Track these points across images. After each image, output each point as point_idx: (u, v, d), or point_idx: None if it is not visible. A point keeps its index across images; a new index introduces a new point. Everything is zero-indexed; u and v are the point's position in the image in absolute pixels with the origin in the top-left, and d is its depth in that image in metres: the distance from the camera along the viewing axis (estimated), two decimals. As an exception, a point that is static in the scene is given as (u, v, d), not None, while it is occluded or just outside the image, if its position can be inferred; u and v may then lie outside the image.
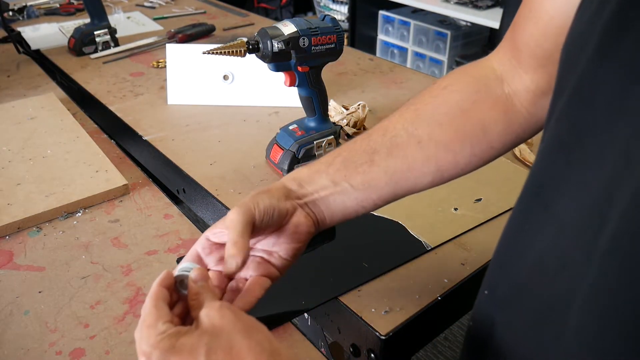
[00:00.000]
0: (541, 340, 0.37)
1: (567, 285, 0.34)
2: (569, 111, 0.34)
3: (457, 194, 0.75)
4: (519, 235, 0.41)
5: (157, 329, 0.37)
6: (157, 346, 0.36)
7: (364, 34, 3.11)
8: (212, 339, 0.36)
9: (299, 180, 0.50)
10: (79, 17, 1.63)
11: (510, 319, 0.41)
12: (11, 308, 0.58)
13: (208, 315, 0.38)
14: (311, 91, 0.78)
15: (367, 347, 0.56)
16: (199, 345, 0.36)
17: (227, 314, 0.38)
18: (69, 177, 0.79)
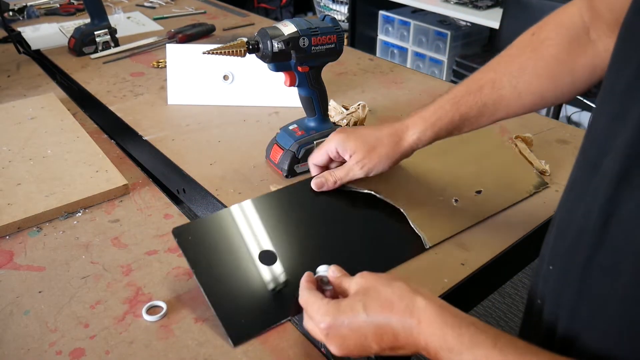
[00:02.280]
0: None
1: None
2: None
3: (459, 182, 0.75)
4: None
5: (322, 303, 0.48)
6: (328, 313, 0.47)
7: (364, 34, 3.11)
8: (364, 296, 0.46)
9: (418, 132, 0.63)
10: (79, 17, 1.63)
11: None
12: (11, 308, 0.58)
13: (355, 282, 0.49)
14: (311, 91, 0.78)
15: (367, 347, 0.56)
16: (356, 303, 0.46)
17: (367, 276, 0.48)
18: (69, 177, 0.79)
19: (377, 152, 0.64)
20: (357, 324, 0.45)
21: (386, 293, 0.46)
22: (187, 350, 0.53)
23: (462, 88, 0.62)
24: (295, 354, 0.53)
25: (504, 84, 0.60)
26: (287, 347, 0.54)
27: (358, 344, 0.45)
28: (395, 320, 0.44)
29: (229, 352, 0.53)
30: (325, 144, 0.67)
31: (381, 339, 0.45)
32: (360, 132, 0.66)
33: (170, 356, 0.53)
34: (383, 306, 0.45)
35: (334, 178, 0.67)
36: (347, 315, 0.46)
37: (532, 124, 0.97)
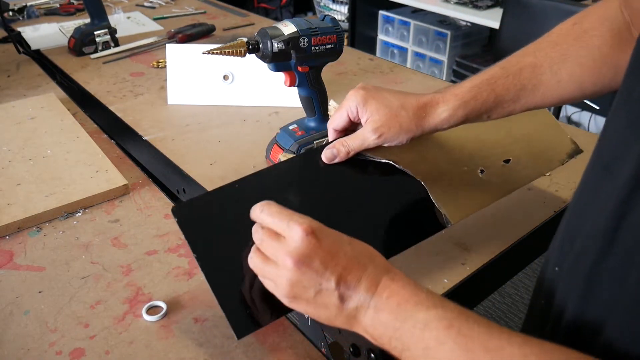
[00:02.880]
0: None
1: None
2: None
3: (486, 150, 0.68)
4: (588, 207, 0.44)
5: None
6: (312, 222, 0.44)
7: (364, 34, 3.10)
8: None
9: (449, 110, 0.57)
10: (79, 17, 1.63)
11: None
12: (11, 308, 0.58)
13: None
14: (311, 91, 0.78)
15: (367, 347, 0.56)
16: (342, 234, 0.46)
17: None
18: (69, 177, 0.79)
19: (397, 121, 0.57)
20: (339, 243, 0.44)
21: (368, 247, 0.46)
22: (187, 350, 0.53)
23: (499, 70, 0.58)
24: (295, 354, 0.53)
25: (545, 69, 0.57)
26: (287, 347, 0.54)
27: (328, 256, 0.43)
28: (372, 267, 0.43)
29: (229, 352, 0.53)
30: (344, 102, 0.59)
31: (348, 272, 0.43)
32: (383, 94, 0.58)
33: (170, 356, 0.53)
34: (365, 250, 0.45)
35: (347, 149, 0.59)
36: (332, 233, 0.45)
37: (532, 124, 0.96)
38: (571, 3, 1.82)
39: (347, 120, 0.59)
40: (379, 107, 0.56)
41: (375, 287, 0.42)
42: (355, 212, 0.59)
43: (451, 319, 0.39)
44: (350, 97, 0.58)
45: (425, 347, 0.39)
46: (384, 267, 0.44)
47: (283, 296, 0.44)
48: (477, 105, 0.56)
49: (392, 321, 0.41)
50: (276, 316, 0.51)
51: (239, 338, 0.49)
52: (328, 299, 0.43)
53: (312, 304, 0.43)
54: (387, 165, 0.61)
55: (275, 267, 0.44)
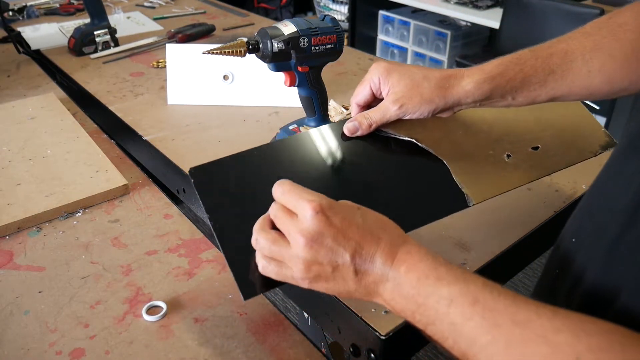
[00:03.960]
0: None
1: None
2: None
3: (514, 135, 0.65)
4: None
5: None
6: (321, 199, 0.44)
7: (364, 34, 3.11)
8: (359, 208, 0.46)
9: (473, 82, 0.55)
10: (79, 17, 1.63)
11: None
12: (11, 308, 0.58)
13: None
14: (311, 91, 0.78)
15: (367, 347, 0.56)
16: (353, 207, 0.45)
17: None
18: (69, 177, 0.79)
19: (419, 91, 0.56)
20: (350, 218, 0.44)
21: (382, 218, 0.45)
22: (187, 350, 0.53)
23: (529, 52, 0.57)
24: (295, 354, 0.53)
25: (576, 57, 0.55)
26: (287, 347, 0.54)
27: (339, 233, 0.42)
28: (386, 238, 0.43)
29: (229, 352, 0.53)
30: (367, 75, 0.58)
31: (362, 246, 0.43)
32: (406, 66, 0.58)
33: (170, 356, 0.53)
34: (378, 220, 0.45)
35: (369, 121, 0.58)
36: (347, 209, 0.44)
37: (532, 124, 0.96)
38: (571, 3, 1.82)
39: (370, 94, 0.59)
40: (401, 79, 0.56)
41: (392, 260, 0.42)
42: (374, 188, 0.58)
43: (475, 293, 0.39)
44: (373, 69, 0.58)
45: (451, 323, 0.39)
46: (399, 238, 0.44)
47: (301, 279, 0.44)
48: (502, 82, 0.55)
49: (414, 297, 0.41)
50: (281, 282, 0.51)
51: (246, 299, 0.48)
52: (346, 274, 0.43)
53: (331, 281, 0.43)
54: (410, 143, 0.60)
55: (288, 248, 0.44)
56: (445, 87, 0.55)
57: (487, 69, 0.56)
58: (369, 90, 0.58)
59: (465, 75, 0.56)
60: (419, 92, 0.55)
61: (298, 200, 0.44)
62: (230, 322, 0.57)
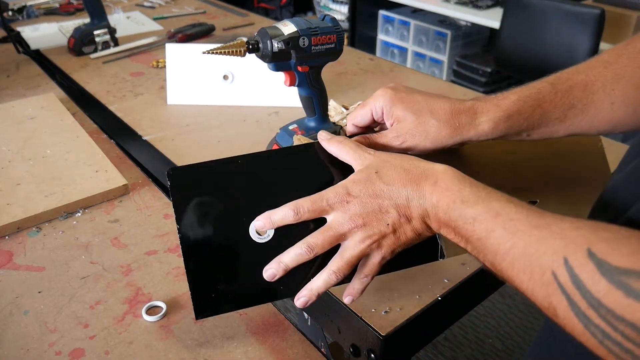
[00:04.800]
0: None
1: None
2: None
3: (513, 183, 0.60)
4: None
5: (329, 188, 0.49)
6: (341, 186, 0.48)
7: (364, 34, 3.11)
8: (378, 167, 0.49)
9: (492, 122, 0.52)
10: (78, 17, 1.63)
11: None
12: (11, 308, 0.58)
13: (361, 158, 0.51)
14: (311, 91, 0.78)
15: (367, 347, 0.56)
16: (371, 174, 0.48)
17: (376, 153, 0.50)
18: (68, 177, 0.79)
19: (424, 129, 0.52)
20: (372, 189, 0.47)
21: (399, 162, 0.48)
22: (187, 350, 0.53)
23: (547, 85, 0.53)
24: (295, 354, 0.53)
25: (597, 89, 0.52)
26: (287, 347, 0.54)
27: (376, 210, 0.46)
28: (409, 181, 0.46)
29: (229, 352, 0.53)
30: (370, 100, 0.55)
31: (397, 205, 0.46)
32: (413, 97, 0.53)
33: (170, 356, 0.53)
34: (399, 174, 0.47)
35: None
36: (364, 181, 0.47)
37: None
38: (571, 3, 1.82)
39: (369, 119, 0.56)
40: (406, 114, 0.52)
41: (424, 197, 0.46)
42: None
43: (497, 209, 0.41)
44: (378, 96, 0.54)
45: (478, 239, 0.42)
46: (424, 175, 0.46)
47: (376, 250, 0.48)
48: (520, 120, 0.52)
49: (447, 222, 0.44)
50: (242, 306, 0.52)
51: (197, 319, 0.50)
52: (400, 227, 0.47)
53: (393, 237, 0.47)
54: None
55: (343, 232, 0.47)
56: (455, 126, 0.52)
57: (504, 106, 0.52)
58: (369, 116, 0.55)
59: (480, 111, 0.52)
60: (425, 130, 0.52)
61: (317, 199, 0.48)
62: (230, 322, 0.57)
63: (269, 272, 0.49)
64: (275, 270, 0.48)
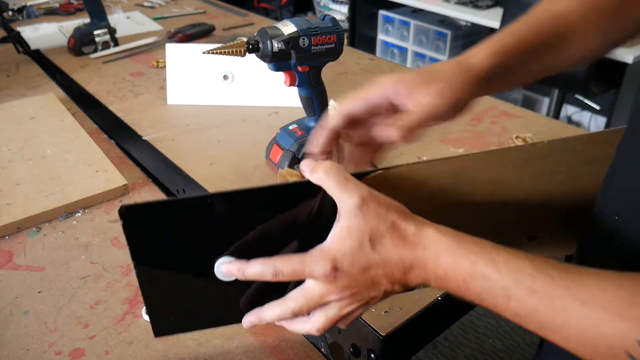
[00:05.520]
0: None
1: None
2: None
3: (517, 215, 0.55)
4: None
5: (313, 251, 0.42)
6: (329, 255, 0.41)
7: (364, 34, 3.11)
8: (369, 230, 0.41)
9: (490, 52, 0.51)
10: (78, 17, 1.63)
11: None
12: (11, 308, 0.58)
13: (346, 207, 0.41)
14: (311, 91, 0.78)
15: (367, 347, 0.56)
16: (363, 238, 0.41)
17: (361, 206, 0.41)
18: (68, 177, 0.79)
19: (437, 81, 0.48)
20: (365, 261, 0.40)
21: (392, 219, 0.41)
22: (187, 350, 0.53)
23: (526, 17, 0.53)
24: (295, 354, 0.53)
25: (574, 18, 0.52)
26: (287, 347, 0.54)
27: (368, 283, 0.41)
28: (407, 255, 0.40)
29: (229, 352, 0.53)
30: (370, 89, 0.50)
31: (392, 276, 0.41)
32: (410, 71, 0.51)
33: (170, 356, 0.53)
34: (394, 241, 0.40)
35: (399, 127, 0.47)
36: (355, 252, 0.40)
37: (532, 124, 0.96)
38: (571, 3, 1.82)
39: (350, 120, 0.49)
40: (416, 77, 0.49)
41: (428, 277, 0.41)
42: None
43: (530, 284, 0.37)
44: (380, 82, 0.51)
45: (516, 315, 0.38)
46: (421, 244, 0.40)
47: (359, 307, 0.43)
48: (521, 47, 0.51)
49: (465, 293, 0.40)
50: (204, 327, 0.50)
51: (156, 337, 0.47)
52: (393, 291, 0.42)
53: (382, 297, 0.43)
54: None
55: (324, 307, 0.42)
56: (461, 69, 0.50)
57: (498, 39, 0.52)
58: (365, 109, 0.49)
59: (476, 50, 0.52)
60: (438, 82, 0.49)
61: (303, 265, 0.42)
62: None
63: (247, 322, 0.46)
64: (256, 322, 0.46)
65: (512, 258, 0.38)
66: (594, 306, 0.35)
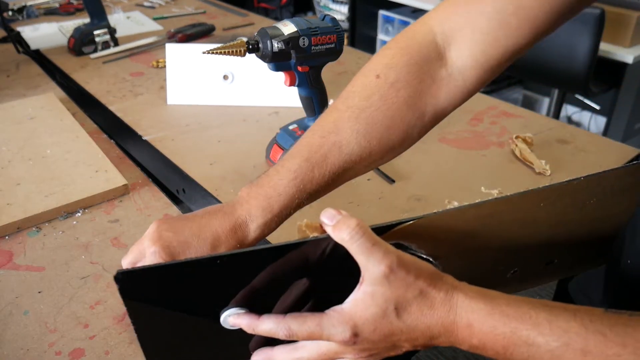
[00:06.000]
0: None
1: None
2: None
3: (535, 246, 0.52)
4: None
5: (332, 313, 0.39)
6: (350, 319, 0.38)
7: (364, 34, 3.11)
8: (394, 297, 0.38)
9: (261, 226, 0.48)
10: (78, 16, 1.63)
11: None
12: (11, 308, 0.58)
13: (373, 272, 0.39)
14: (311, 91, 0.78)
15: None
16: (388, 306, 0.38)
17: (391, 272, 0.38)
18: (68, 177, 0.79)
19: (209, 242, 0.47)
20: (388, 328, 0.38)
21: (420, 286, 0.38)
22: (187, 351, 0.53)
23: (302, 162, 0.49)
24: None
25: (352, 147, 0.49)
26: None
27: (389, 346, 0.39)
28: (435, 323, 0.38)
29: (229, 353, 0.53)
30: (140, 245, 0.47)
31: (416, 340, 0.39)
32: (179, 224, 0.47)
33: (170, 356, 0.53)
34: (422, 310, 0.38)
35: None
36: (378, 320, 0.38)
37: (532, 124, 0.96)
38: (571, 3, 1.82)
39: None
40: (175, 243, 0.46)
41: (456, 339, 0.38)
42: None
43: (581, 345, 0.34)
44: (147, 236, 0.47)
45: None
46: (452, 311, 0.38)
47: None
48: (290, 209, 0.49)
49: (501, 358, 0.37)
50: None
51: None
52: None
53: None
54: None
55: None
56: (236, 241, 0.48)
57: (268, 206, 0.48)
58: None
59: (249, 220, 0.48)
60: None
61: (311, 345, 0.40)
62: (230, 323, 0.56)
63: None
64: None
65: (555, 318, 0.35)
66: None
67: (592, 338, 0.34)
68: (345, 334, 0.38)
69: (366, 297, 0.38)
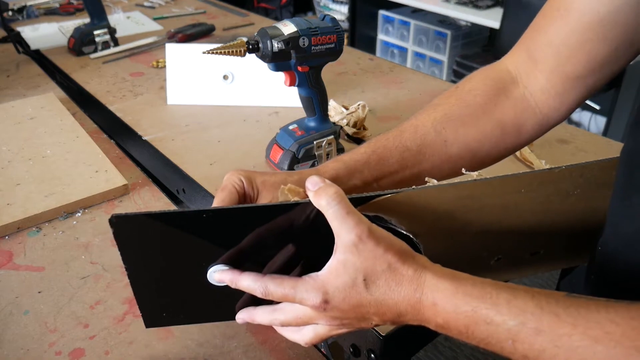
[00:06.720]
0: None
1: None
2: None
3: (521, 234, 0.53)
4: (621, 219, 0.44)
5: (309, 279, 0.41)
6: (322, 286, 0.40)
7: (364, 34, 3.11)
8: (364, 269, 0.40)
9: (336, 177, 0.51)
10: (78, 17, 1.63)
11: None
12: (11, 308, 0.58)
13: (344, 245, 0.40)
14: (311, 91, 0.78)
15: (367, 347, 0.56)
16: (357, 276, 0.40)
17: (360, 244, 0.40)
18: (68, 177, 0.79)
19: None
20: (357, 299, 0.40)
21: (389, 261, 0.39)
22: (187, 351, 0.53)
23: (380, 135, 0.55)
24: (296, 354, 0.53)
25: (428, 129, 0.54)
26: (287, 348, 0.54)
27: (359, 317, 0.41)
28: (402, 300, 0.39)
29: (229, 352, 0.53)
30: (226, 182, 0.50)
31: (384, 315, 0.40)
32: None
33: (170, 356, 0.53)
34: (389, 285, 0.39)
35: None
36: (347, 290, 0.40)
37: (532, 124, 0.96)
38: (571, 3, 1.82)
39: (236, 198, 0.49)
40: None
41: (422, 317, 0.39)
42: None
43: (532, 323, 0.35)
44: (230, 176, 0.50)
45: (524, 356, 0.36)
46: (419, 288, 0.39)
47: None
48: (358, 167, 0.52)
49: (465, 337, 0.39)
50: (194, 322, 0.52)
51: (147, 327, 0.49)
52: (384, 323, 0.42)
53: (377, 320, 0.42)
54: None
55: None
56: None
57: (339, 159, 0.52)
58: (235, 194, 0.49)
59: (320, 169, 0.52)
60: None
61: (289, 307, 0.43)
62: (230, 322, 0.56)
63: (240, 319, 0.47)
64: (248, 320, 0.47)
65: (513, 298, 0.36)
66: (607, 342, 0.33)
67: (546, 318, 0.35)
68: (316, 299, 0.40)
69: (339, 265, 0.40)
